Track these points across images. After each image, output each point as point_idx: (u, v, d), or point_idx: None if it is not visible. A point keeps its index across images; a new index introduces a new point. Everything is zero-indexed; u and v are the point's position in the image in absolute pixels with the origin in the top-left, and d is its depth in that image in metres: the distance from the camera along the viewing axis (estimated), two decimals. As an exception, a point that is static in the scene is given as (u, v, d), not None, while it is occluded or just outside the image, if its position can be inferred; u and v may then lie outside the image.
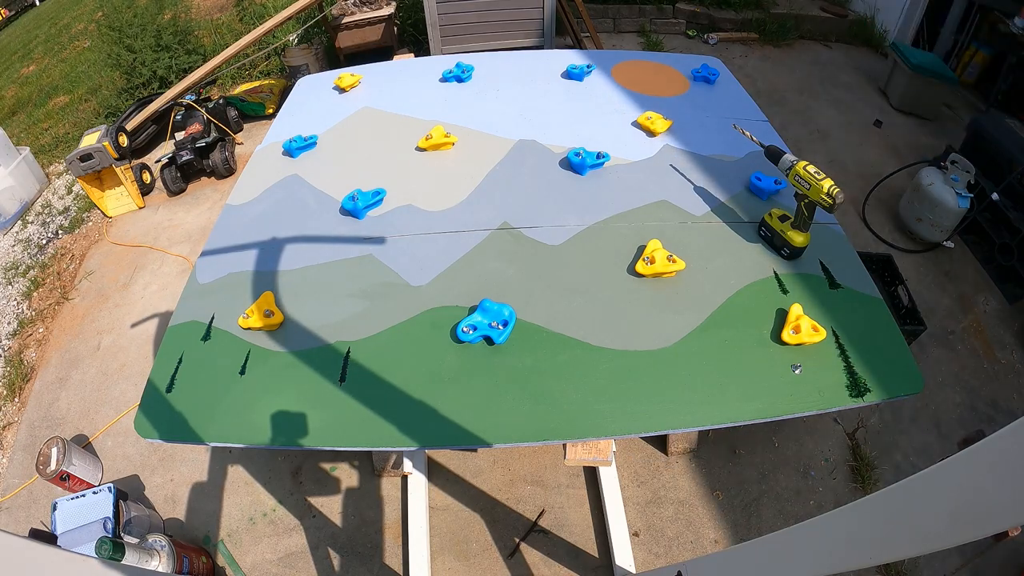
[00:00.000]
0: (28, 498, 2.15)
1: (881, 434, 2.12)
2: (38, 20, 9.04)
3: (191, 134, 3.54)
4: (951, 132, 3.53)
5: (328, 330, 1.33)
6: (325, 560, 1.89)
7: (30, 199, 3.80)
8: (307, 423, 1.17)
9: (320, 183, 1.76)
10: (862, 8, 4.68)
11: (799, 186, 1.35)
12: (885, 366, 1.22)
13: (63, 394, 2.49)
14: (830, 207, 1.29)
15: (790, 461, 2.05)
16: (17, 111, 5.53)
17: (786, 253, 1.43)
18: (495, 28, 3.90)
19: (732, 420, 1.16)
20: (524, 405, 1.17)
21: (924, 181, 2.71)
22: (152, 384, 1.27)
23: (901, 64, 3.61)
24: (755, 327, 1.29)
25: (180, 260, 3.06)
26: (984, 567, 1.81)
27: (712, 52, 4.47)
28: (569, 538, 1.89)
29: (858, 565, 0.57)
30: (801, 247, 1.40)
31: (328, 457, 2.13)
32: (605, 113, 1.99)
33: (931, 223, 2.71)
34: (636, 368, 1.22)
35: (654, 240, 1.44)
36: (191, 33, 4.62)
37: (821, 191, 1.29)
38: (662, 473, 2.03)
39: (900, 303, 2.40)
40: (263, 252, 1.55)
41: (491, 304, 1.31)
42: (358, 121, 2.04)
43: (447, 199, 1.66)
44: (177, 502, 2.08)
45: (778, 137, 1.87)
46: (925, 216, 2.72)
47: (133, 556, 1.53)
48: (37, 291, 3.09)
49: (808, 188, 1.32)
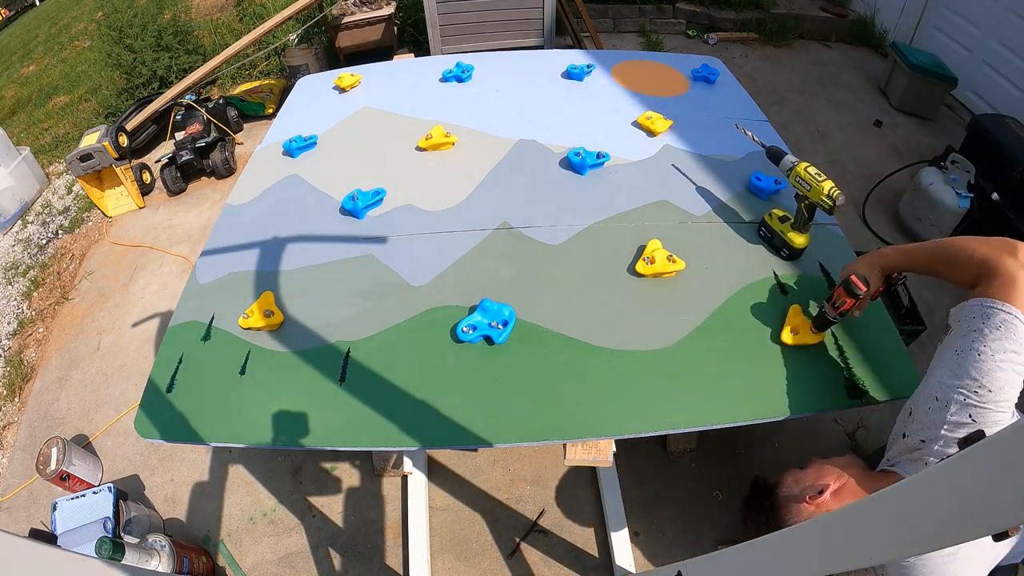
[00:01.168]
0: (28, 498, 2.15)
1: (881, 434, 2.12)
2: (38, 20, 9.04)
3: (191, 134, 3.54)
4: (951, 132, 3.53)
5: (328, 330, 1.33)
6: (325, 560, 1.89)
7: (30, 199, 3.80)
8: (307, 423, 1.17)
9: (320, 183, 1.76)
10: (862, 8, 4.69)
11: (800, 187, 1.35)
12: (884, 367, 1.22)
13: (63, 394, 2.49)
14: (830, 209, 1.28)
15: (790, 461, 2.05)
16: (17, 111, 5.53)
17: (785, 254, 1.43)
18: (495, 28, 3.90)
19: (732, 420, 1.16)
20: (524, 405, 1.17)
21: (924, 181, 2.71)
22: (152, 384, 1.27)
23: (901, 64, 3.61)
24: (755, 327, 1.29)
25: (180, 260, 3.06)
26: (984, 567, 1.80)
27: (712, 52, 4.47)
28: (569, 538, 1.89)
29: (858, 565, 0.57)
30: (801, 248, 1.40)
31: (328, 457, 2.13)
32: (605, 113, 1.99)
33: (931, 223, 2.71)
34: (636, 368, 1.22)
35: (654, 240, 1.44)
36: (191, 33, 4.62)
37: (821, 193, 1.28)
38: (662, 473, 2.03)
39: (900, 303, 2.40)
40: (263, 252, 1.55)
41: (491, 304, 1.31)
42: (358, 121, 2.04)
43: (447, 199, 1.66)
44: (177, 502, 2.08)
45: (778, 137, 1.87)
46: (925, 216, 2.72)
47: (133, 556, 1.53)
48: (37, 291, 3.09)
49: (809, 189, 1.32)
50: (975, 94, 3.69)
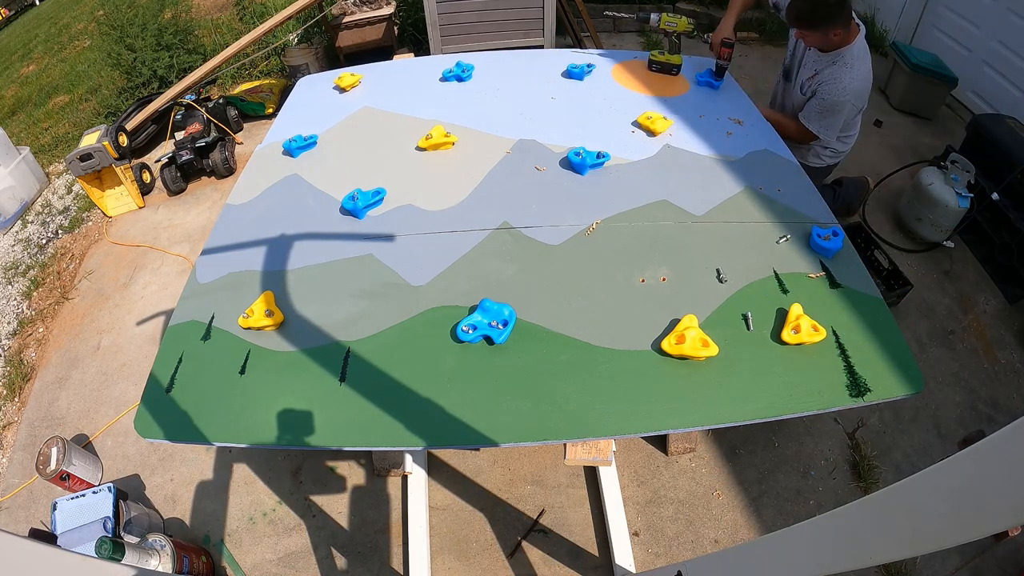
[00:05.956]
0: (28, 498, 2.15)
1: (881, 434, 2.12)
2: (38, 20, 9.04)
3: (191, 134, 3.53)
4: (951, 132, 3.53)
5: (328, 330, 1.33)
6: (325, 560, 1.89)
7: (30, 199, 3.80)
8: (307, 423, 1.17)
9: (320, 183, 1.76)
10: (862, 8, 4.68)
11: (668, 28, 2.20)
12: (885, 366, 1.22)
13: (63, 394, 2.49)
14: (690, 33, 2.21)
15: (790, 461, 2.05)
16: (17, 111, 5.52)
17: (675, 72, 2.19)
18: (495, 28, 3.89)
19: (732, 420, 1.16)
20: (524, 405, 1.17)
21: (924, 181, 2.71)
22: (152, 384, 1.27)
23: (901, 64, 3.61)
24: (755, 327, 1.29)
25: (180, 260, 3.06)
26: (984, 567, 1.81)
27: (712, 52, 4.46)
28: (569, 537, 1.89)
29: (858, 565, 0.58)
30: (680, 64, 2.18)
31: (328, 456, 2.13)
32: (605, 113, 1.99)
33: (931, 223, 2.70)
34: (636, 368, 1.22)
35: (690, 316, 1.28)
36: (191, 32, 4.61)
37: (683, 25, 2.18)
38: (662, 473, 2.03)
39: (880, 266, 2.41)
40: (263, 252, 1.55)
41: (491, 304, 1.31)
42: (358, 121, 2.04)
43: (447, 199, 1.66)
44: (177, 502, 2.08)
45: (777, 137, 1.88)
46: (925, 216, 2.72)
47: (133, 556, 1.53)
48: (37, 291, 3.09)
49: (675, 26, 2.19)
50: (975, 94, 3.69)
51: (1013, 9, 3.34)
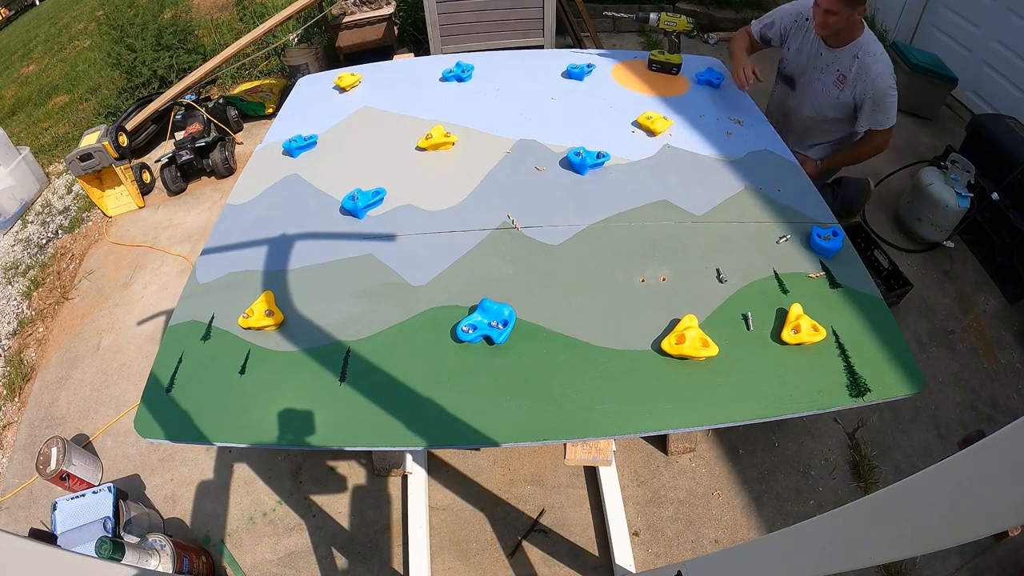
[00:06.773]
0: (28, 498, 2.15)
1: (881, 434, 2.12)
2: (38, 20, 9.04)
3: (191, 134, 3.53)
4: (951, 132, 3.53)
5: (328, 330, 1.33)
6: (325, 560, 1.89)
7: (30, 199, 3.80)
8: (307, 423, 1.17)
9: (320, 183, 1.76)
10: (862, 8, 4.68)
11: (668, 27, 2.16)
12: (885, 366, 1.22)
13: (63, 394, 2.49)
14: (689, 32, 2.16)
15: (790, 461, 2.05)
16: (17, 111, 5.52)
17: (675, 72, 2.19)
18: (495, 28, 3.89)
19: (732, 420, 1.16)
20: (524, 405, 1.17)
21: (924, 181, 2.71)
22: (152, 384, 1.27)
23: (901, 64, 3.61)
24: (755, 327, 1.29)
25: (180, 260, 3.06)
26: (984, 567, 1.81)
27: (712, 52, 4.46)
28: (569, 537, 1.89)
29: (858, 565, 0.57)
30: (680, 63, 2.19)
31: (328, 456, 2.13)
32: (605, 113, 1.99)
33: (931, 223, 2.71)
34: (636, 368, 1.22)
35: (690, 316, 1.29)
36: (191, 32, 4.61)
37: (683, 24, 2.14)
38: (662, 473, 2.03)
39: (880, 266, 2.41)
40: (263, 252, 1.55)
41: (491, 304, 1.31)
42: (358, 121, 2.04)
43: (447, 199, 1.66)
44: (177, 502, 2.08)
45: (777, 137, 1.88)
46: (925, 216, 2.72)
47: (133, 556, 1.53)
48: (37, 291, 3.09)
49: (675, 26, 2.15)
50: (975, 94, 3.69)
51: (1013, 9, 3.34)
